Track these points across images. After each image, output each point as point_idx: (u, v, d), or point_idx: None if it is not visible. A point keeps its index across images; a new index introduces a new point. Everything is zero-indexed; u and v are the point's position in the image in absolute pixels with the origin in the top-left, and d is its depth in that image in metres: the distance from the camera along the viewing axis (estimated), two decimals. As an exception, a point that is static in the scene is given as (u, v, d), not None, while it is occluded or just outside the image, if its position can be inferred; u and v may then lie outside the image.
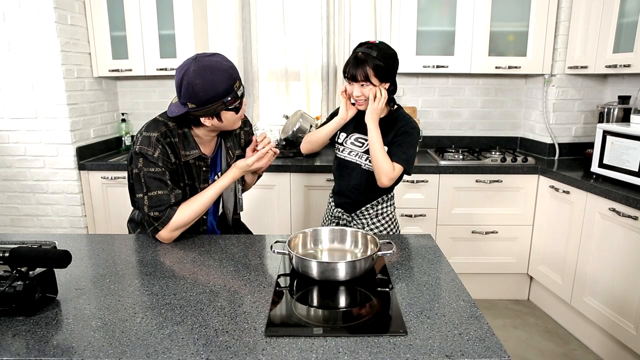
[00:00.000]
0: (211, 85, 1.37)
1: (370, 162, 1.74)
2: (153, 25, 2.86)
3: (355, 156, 1.80)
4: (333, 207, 1.92)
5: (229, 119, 1.47)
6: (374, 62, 1.63)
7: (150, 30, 2.87)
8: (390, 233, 1.87)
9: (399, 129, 1.73)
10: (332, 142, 1.88)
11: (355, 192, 1.82)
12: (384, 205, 1.85)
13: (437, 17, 2.85)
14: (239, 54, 3.15)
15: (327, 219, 1.97)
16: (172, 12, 2.83)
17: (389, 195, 1.87)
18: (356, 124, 1.80)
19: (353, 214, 1.85)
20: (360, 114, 1.78)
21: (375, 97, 1.66)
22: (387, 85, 1.70)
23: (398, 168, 1.68)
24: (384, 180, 1.67)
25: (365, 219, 1.84)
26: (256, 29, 3.14)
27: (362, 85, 1.66)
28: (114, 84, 3.26)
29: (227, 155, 1.65)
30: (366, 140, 1.74)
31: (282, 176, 2.75)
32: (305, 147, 1.92)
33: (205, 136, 1.54)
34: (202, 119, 1.44)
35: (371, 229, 1.83)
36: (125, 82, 3.29)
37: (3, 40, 2.62)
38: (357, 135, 1.80)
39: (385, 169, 1.66)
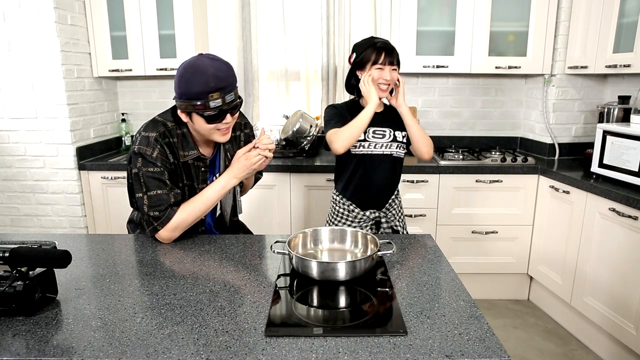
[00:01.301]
0: (185, 82, 1.38)
1: (399, 148, 1.88)
2: (153, 25, 2.86)
3: (382, 147, 1.86)
4: (359, 213, 1.89)
5: (200, 125, 1.44)
6: (396, 50, 1.82)
7: (150, 30, 2.87)
8: (404, 216, 2.03)
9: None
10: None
11: (385, 183, 1.89)
12: (398, 191, 1.99)
13: (437, 17, 2.85)
14: (239, 54, 3.15)
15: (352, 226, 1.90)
16: (172, 12, 2.83)
17: None
18: None
19: (383, 209, 1.92)
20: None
21: (401, 83, 1.85)
22: None
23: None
24: (431, 152, 1.88)
25: (394, 209, 1.94)
26: (256, 29, 3.14)
27: (394, 69, 1.81)
28: (114, 84, 3.26)
29: (225, 157, 1.64)
30: (385, 131, 1.87)
31: (282, 176, 2.75)
32: (343, 145, 1.78)
33: (197, 135, 1.53)
34: (178, 112, 1.46)
35: (401, 218, 1.98)
36: (125, 82, 3.29)
37: (3, 40, 2.62)
38: (374, 128, 1.86)
39: (430, 142, 1.88)
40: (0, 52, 2.64)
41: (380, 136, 1.86)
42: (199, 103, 1.38)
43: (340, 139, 1.78)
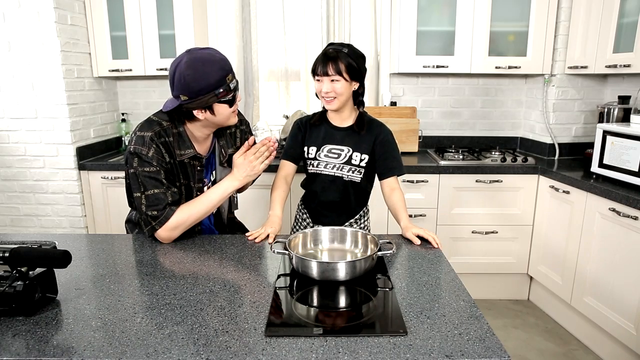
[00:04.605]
0: (203, 75, 1.37)
1: (353, 172, 1.72)
2: (153, 25, 2.86)
3: (332, 168, 1.73)
4: (309, 224, 1.84)
5: (222, 113, 1.46)
6: (346, 58, 1.59)
7: (150, 30, 2.87)
8: None
9: (379, 138, 1.71)
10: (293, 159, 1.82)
11: (336, 204, 1.78)
12: (366, 218, 1.85)
13: (437, 17, 2.85)
14: (239, 54, 3.15)
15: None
16: (172, 12, 2.83)
17: (367, 207, 1.87)
18: (325, 135, 1.75)
19: None
20: (327, 124, 1.75)
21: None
22: (356, 86, 1.66)
23: (400, 179, 1.74)
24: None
25: None
26: (256, 29, 3.14)
27: (333, 80, 1.60)
28: (114, 84, 3.26)
29: (219, 154, 1.64)
30: (342, 150, 1.72)
31: (282, 176, 2.74)
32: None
33: (198, 132, 1.53)
34: (195, 112, 1.44)
35: None
36: (125, 82, 3.29)
37: (3, 40, 2.62)
38: (329, 146, 1.73)
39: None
40: (0, 52, 2.63)
41: (335, 156, 1.72)
42: (221, 90, 1.40)
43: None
